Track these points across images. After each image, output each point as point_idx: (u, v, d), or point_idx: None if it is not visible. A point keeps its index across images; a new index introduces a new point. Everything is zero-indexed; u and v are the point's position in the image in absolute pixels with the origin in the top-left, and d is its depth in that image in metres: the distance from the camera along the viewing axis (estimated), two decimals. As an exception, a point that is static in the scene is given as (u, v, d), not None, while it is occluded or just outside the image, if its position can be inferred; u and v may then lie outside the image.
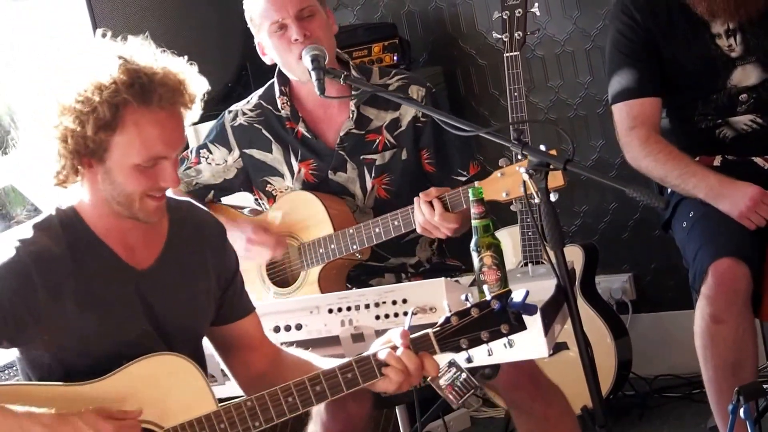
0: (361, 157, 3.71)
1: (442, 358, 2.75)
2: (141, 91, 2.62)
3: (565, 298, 3.02)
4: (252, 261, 3.69)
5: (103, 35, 2.74)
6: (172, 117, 2.69)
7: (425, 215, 3.38)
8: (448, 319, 2.71)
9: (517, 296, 2.69)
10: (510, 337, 2.70)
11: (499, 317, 2.69)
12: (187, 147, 3.82)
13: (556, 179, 3.02)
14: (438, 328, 2.71)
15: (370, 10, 5.21)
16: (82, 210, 2.77)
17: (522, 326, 2.70)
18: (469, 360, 2.75)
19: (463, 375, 2.76)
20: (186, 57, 2.78)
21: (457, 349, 2.71)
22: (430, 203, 3.37)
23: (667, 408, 4.71)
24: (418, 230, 3.45)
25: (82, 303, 2.72)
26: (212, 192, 3.87)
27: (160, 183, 2.71)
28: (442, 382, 2.78)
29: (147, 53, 2.70)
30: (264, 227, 3.73)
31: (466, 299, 2.73)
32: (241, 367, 2.99)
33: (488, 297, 2.72)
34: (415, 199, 3.42)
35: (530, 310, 2.71)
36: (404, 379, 2.69)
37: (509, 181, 3.24)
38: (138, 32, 2.80)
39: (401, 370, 2.68)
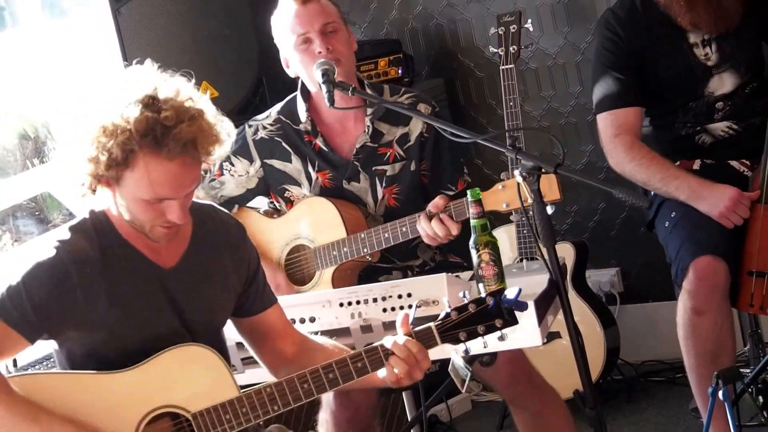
0: (373, 169, 3.71)
1: (442, 349, 2.78)
2: (153, 141, 2.58)
3: (557, 291, 3.05)
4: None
5: (138, 63, 2.72)
6: (181, 165, 2.64)
7: (439, 233, 3.38)
8: (448, 314, 2.74)
9: (510, 293, 2.72)
10: (504, 331, 2.73)
11: (493, 313, 2.72)
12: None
13: (552, 192, 3.04)
14: (439, 322, 2.74)
15: (376, 27, 5.22)
16: (111, 214, 2.78)
17: (514, 321, 2.73)
18: (466, 351, 2.78)
19: (464, 363, 2.82)
20: (208, 73, 2.77)
21: (456, 341, 2.74)
22: (441, 220, 3.38)
23: (652, 391, 4.72)
24: (426, 241, 3.45)
25: (113, 300, 2.73)
26: (236, 206, 3.86)
27: (167, 217, 2.70)
28: (453, 369, 2.84)
29: (178, 95, 2.67)
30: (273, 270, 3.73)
31: (464, 296, 2.76)
32: (271, 354, 3.00)
33: (483, 294, 2.76)
34: (422, 214, 3.42)
35: (522, 306, 2.73)
36: (409, 366, 2.70)
37: (509, 194, 3.24)
38: (163, 50, 2.80)
39: (405, 357, 2.70)
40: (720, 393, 3.59)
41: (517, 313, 2.73)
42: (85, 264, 2.72)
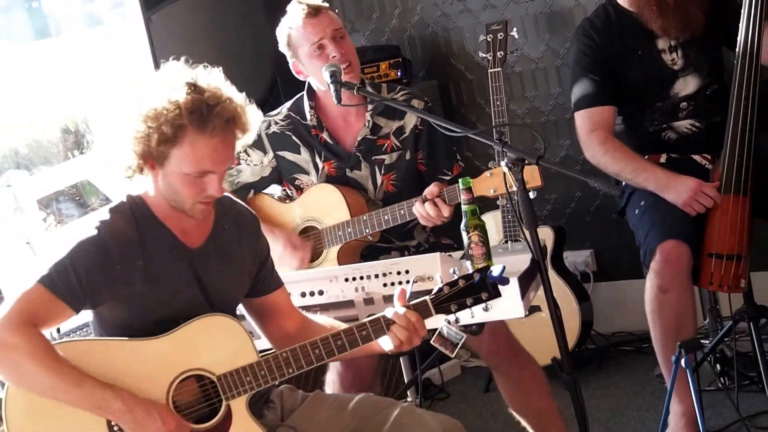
0: (373, 158, 3.70)
1: (436, 320, 2.78)
2: (200, 119, 2.62)
3: (538, 269, 3.06)
4: (282, 267, 3.65)
5: (177, 60, 2.75)
6: (222, 142, 2.68)
7: (431, 214, 3.38)
8: (441, 289, 2.75)
9: (495, 270, 2.74)
10: (488, 302, 2.75)
11: (480, 287, 2.73)
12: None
13: (534, 180, 3.05)
14: (433, 296, 2.75)
15: (378, 34, 5.20)
16: (147, 198, 2.78)
17: (498, 294, 2.75)
18: (456, 320, 2.79)
19: (456, 330, 2.81)
20: (229, 72, 2.78)
21: (448, 312, 2.75)
22: (434, 203, 3.38)
23: (621, 359, 4.71)
24: (422, 222, 3.45)
25: (147, 274, 2.73)
26: (252, 191, 3.85)
27: (208, 192, 2.72)
28: (439, 338, 2.83)
29: (214, 83, 2.72)
30: (293, 243, 3.72)
31: (454, 272, 2.77)
32: (275, 330, 3.00)
33: (470, 271, 2.76)
34: (419, 198, 3.42)
35: (505, 281, 2.75)
36: (408, 334, 2.72)
37: (496, 181, 3.25)
38: (189, 53, 2.81)
39: (405, 325, 2.71)
40: (682, 361, 3.59)
41: (501, 288, 2.75)
42: (124, 242, 2.72)
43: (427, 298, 2.74)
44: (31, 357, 2.57)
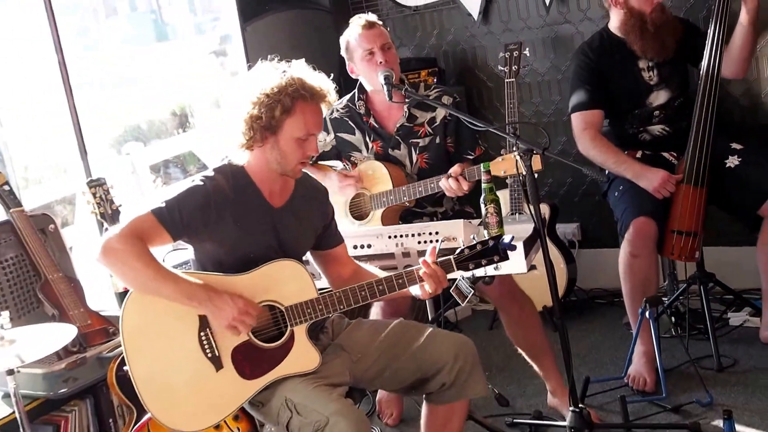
0: (410, 141, 3.69)
1: (456, 274, 2.79)
2: (308, 93, 2.70)
3: (538, 236, 3.07)
4: (341, 193, 3.74)
5: (268, 60, 2.80)
6: (319, 111, 2.76)
7: (453, 187, 3.40)
8: (462, 250, 2.75)
9: (506, 239, 2.74)
10: (499, 264, 2.76)
11: (493, 251, 2.73)
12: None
13: (536, 165, 3.04)
14: (456, 255, 2.75)
15: (420, 48, 5.18)
16: (246, 165, 2.81)
17: (506, 258, 2.75)
18: (472, 276, 2.81)
19: (467, 285, 2.85)
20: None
21: (466, 269, 2.76)
22: (457, 179, 3.39)
23: (597, 309, 4.70)
24: (447, 193, 3.45)
25: (236, 223, 2.75)
26: (315, 158, 3.84)
27: (309, 152, 2.76)
28: (456, 289, 2.86)
29: (309, 72, 2.78)
30: (344, 175, 3.75)
31: (474, 238, 2.77)
32: (334, 275, 3.01)
33: (486, 238, 2.77)
34: (444, 176, 3.43)
35: (512, 248, 2.75)
36: (435, 286, 2.72)
37: (507, 164, 3.23)
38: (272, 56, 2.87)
39: (433, 277, 2.71)
40: (647, 313, 3.60)
41: (509, 253, 2.76)
42: (221, 194, 2.74)
43: (451, 257, 2.74)
44: (138, 258, 2.61)
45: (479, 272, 2.79)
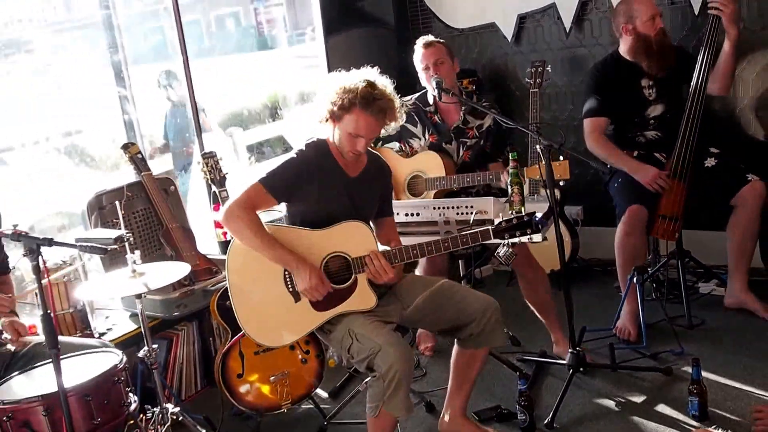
0: (461, 139, 3.68)
1: (493, 241, 2.75)
2: (365, 102, 2.66)
3: (552, 213, 3.04)
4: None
5: (344, 69, 2.78)
6: (374, 123, 2.70)
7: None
8: (500, 223, 2.72)
9: (538, 215, 2.71)
10: (530, 235, 2.72)
11: (527, 225, 2.70)
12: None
13: (563, 172, 3.01)
14: (494, 227, 2.72)
15: (464, 62, 5.08)
16: (328, 141, 2.81)
17: (538, 231, 2.72)
18: (508, 244, 2.76)
19: (508, 251, 2.79)
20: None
21: (502, 238, 2.72)
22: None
23: (594, 275, 4.64)
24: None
25: (320, 188, 2.75)
26: (381, 142, 3.83)
27: (357, 147, 2.73)
28: (496, 254, 2.81)
29: (386, 85, 2.73)
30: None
31: (511, 213, 2.76)
32: (382, 237, 2.98)
33: (522, 213, 2.73)
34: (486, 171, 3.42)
35: (544, 223, 2.73)
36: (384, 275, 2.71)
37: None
38: (350, 66, 2.84)
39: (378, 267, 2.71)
40: (634, 279, 3.55)
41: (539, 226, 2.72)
42: (311, 164, 2.75)
43: (489, 227, 2.72)
44: (249, 226, 2.65)
45: (514, 240, 2.73)
